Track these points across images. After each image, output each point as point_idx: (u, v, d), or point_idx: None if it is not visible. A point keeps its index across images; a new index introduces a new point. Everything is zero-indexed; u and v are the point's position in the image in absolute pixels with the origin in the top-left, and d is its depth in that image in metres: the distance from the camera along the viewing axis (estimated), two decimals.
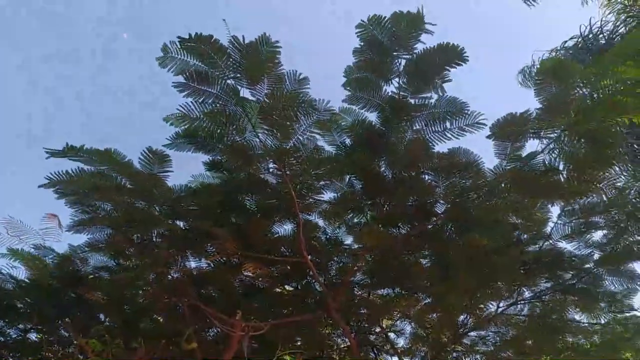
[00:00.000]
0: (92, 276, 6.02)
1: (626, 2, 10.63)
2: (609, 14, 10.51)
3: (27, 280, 5.88)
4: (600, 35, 9.32)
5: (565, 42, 9.47)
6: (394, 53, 5.03)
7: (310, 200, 5.40)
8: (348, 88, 5.31)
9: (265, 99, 4.15)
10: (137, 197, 4.91)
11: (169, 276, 5.90)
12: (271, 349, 5.96)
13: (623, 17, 10.17)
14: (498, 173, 5.33)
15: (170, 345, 5.98)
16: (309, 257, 5.77)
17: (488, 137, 5.21)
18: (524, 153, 5.25)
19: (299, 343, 6.91)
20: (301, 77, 4.16)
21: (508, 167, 5.34)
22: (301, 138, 4.61)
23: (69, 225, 5.86)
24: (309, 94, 4.25)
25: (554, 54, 8.97)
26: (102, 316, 6.42)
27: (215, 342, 6.25)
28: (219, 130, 4.79)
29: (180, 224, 5.59)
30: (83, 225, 5.80)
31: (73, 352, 5.37)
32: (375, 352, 8.00)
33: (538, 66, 5.85)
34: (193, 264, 6.18)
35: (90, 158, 4.30)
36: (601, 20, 10.03)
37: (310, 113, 4.36)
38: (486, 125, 5.05)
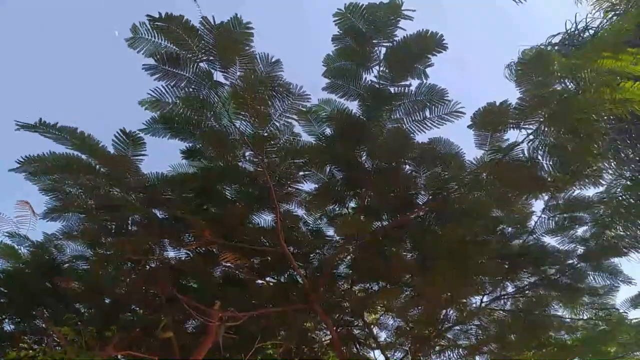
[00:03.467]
0: (67, 265, 5.94)
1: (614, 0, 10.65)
2: (596, 11, 10.52)
3: (1, 270, 5.77)
4: (586, 33, 9.29)
5: (553, 36, 9.43)
6: (374, 41, 4.98)
7: (290, 189, 5.32)
8: (329, 77, 5.26)
9: (239, 82, 4.06)
10: (110, 182, 4.81)
11: (147, 266, 5.82)
12: (252, 342, 5.89)
13: (610, 15, 10.17)
14: (479, 164, 5.29)
15: (147, 335, 5.90)
16: (289, 248, 5.73)
17: (469, 126, 5.16)
18: (505, 145, 5.23)
19: (279, 337, 6.85)
20: (273, 59, 4.09)
21: (488, 158, 5.32)
22: (277, 124, 4.54)
23: (44, 212, 5.77)
24: (283, 77, 4.17)
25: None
26: (78, 306, 6.32)
27: (194, 334, 6.15)
28: (195, 117, 4.70)
29: (157, 212, 5.52)
30: (57, 212, 5.70)
31: (47, 342, 5.27)
32: (358, 346, 7.94)
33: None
34: (171, 254, 6.14)
35: (63, 136, 4.19)
36: (586, 17, 10.02)
37: (286, 97, 4.28)
38: (464, 114, 5.01)
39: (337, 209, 5.95)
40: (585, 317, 8.02)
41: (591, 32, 9.65)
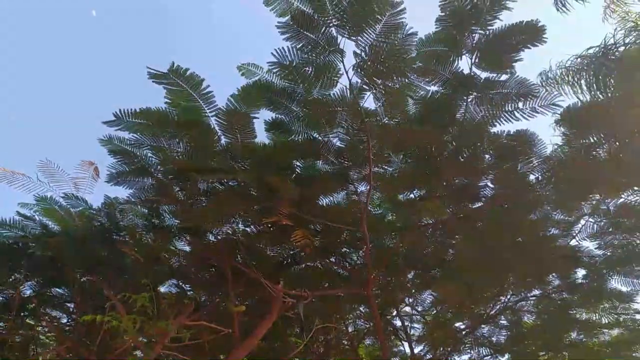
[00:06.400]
0: (124, 233, 5.69)
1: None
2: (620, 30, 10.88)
3: (57, 231, 5.47)
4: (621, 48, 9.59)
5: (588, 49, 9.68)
6: (472, 27, 4.98)
7: (376, 169, 5.24)
8: (418, 61, 5.22)
9: (372, 52, 3.98)
10: (192, 143, 4.64)
11: (212, 238, 5.65)
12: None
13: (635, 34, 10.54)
14: (558, 159, 5.37)
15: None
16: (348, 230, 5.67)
17: (556, 121, 5.25)
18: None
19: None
20: (410, 31, 4.02)
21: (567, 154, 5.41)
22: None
23: (108, 175, 5.52)
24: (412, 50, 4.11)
25: (579, 59, 9.15)
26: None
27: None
28: (293, 85, 4.59)
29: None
30: (124, 176, 5.48)
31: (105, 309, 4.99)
32: (394, 337, 7.94)
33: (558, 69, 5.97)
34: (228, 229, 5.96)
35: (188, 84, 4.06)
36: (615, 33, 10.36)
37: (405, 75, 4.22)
38: (560, 107, 5.07)
39: (407, 195, 5.91)
40: (607, 322, 8.27)
41: (621, 48, 9.97)
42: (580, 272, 7.71)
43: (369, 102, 4.82)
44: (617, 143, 5.16)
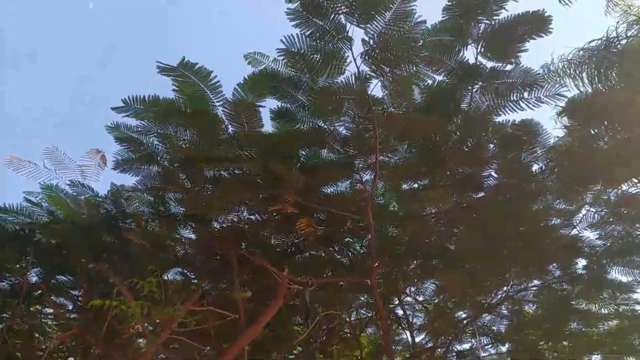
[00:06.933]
0: (130, 220, 5.73)
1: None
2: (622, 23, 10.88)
3: (63, 218, 5.50)
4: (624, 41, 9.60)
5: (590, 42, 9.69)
6: (478, 17, 4.99)
7: (384, 157, 5.27)
8: (424, 50, 5.23)
9: (380, 39, 3.99)
10: (197, 130, 4.66)
11: (217, 225, 5.69)
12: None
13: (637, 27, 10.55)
14: (561, 149, 5.41)
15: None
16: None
17: (558, 113, 5.29)
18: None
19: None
20: (419, 19, 4.03)
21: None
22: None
23: (114, 162, 5.54)
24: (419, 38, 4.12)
25: (581, 52, 9.17)
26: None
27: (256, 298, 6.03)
28: (310, 72, 4.60)
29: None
30: (130, 163, 5.50)
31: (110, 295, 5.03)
32: (396, 325, 8.01)
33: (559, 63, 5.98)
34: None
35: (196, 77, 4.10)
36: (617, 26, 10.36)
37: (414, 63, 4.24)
38: (565, 97, 5.10)
39: (411, 184, 5.95)
40: (607, 312, 8.34)
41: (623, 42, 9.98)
42: (581, 263, 7.79)
43: (376, 90, 4.86)
44: (619, 135, 5.19)
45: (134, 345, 5.25)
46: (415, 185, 5.97)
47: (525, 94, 5.13)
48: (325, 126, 5.13)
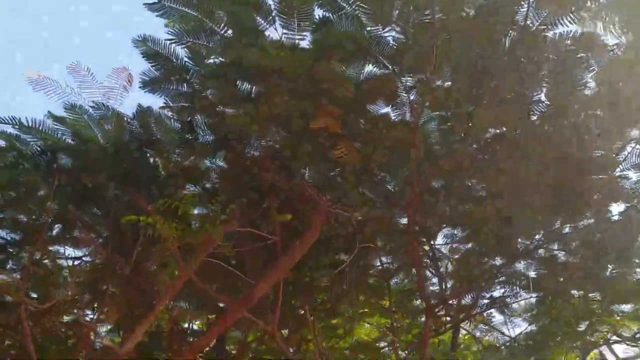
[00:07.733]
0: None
1: None
2: None
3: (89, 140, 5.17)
4: None
5: None
6: None
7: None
8: None
9: None
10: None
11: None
12: None
13: None
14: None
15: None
16: None
17: None
18: None
19: None
20: None
21: None
22: None
23: (141, 82, 5.20)
24: None
25: None
26: None
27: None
28: None
29: None
30: (157, 83, 5.17)
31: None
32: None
33: None
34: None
35: None
36: None
37: None
38: None
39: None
40: None
41: None
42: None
43: None
44: None
45: (168, 270, 4.95)
46: None
47: (588, 2, 4.74)
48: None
